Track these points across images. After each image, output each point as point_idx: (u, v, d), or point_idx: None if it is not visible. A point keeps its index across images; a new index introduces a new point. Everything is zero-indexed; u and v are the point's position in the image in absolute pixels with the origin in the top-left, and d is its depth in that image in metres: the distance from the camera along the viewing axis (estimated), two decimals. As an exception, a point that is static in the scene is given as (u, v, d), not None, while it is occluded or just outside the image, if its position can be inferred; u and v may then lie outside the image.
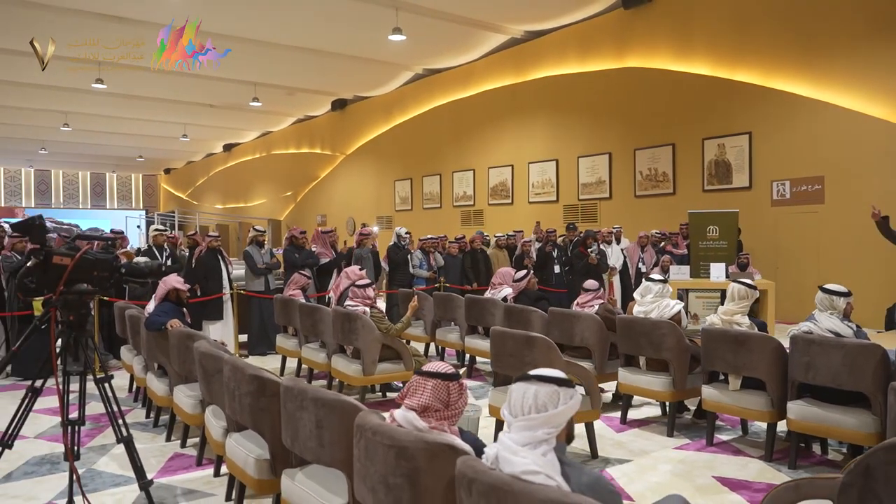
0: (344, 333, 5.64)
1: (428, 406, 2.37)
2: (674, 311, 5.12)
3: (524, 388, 1.92)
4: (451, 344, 7.33)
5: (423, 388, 2.40)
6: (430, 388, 2.39)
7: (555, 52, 14.77)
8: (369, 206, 20.62)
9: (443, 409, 2.38)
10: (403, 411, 2.41)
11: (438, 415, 2.38)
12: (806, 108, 10.59)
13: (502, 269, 7.29)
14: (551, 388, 1.90)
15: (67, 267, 2.77)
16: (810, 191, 10.71)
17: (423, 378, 2.43)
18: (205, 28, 13.58)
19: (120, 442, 3.04)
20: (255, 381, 3.21)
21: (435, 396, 2.38)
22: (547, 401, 1.88)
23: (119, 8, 12.27)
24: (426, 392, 2.39)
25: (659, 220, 12.34)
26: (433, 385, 2.39)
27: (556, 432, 1.88)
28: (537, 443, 1.84)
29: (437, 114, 17.99)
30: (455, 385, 2.43)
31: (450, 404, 2.40)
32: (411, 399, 2.41)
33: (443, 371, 2.44)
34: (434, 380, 2.40)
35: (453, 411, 2.40)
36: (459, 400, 2.43)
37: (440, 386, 2.40)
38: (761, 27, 11.12)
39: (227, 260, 8.15)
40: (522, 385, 1.93)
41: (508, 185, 16.15)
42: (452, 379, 2.43)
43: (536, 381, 1.92)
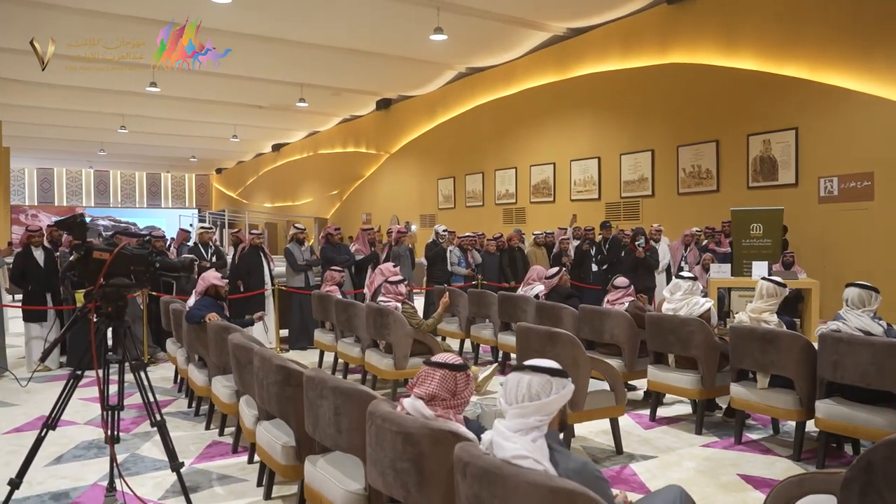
0: (377, 328, 5.78)
1: (435, 395, 2.46)
2: (703, 309, 5.10)
3: (519, 377, 2.01)
4: (486, 340, 7.42)
5: (432, 377, 2.49)
6: (438, 378, 2.48)
7: (597, 49, 14.67)
8: (413, 205, 20.83)
9: (449, 398, 2.47)
10: (412, 400, 2.50)
11: (445, 403, 2.46)
12: (855, 102, 10.29)
13: (536, 266, 7.34)
14: (544, 378, 1.98)
15: (106, 261, 2.96)
16: (859, 187, 10.41)
17: (431, 368, 2.52)
18: (251, 31, 14.06)
19: (154, 426, 3.22)
20: (281, 372, 3.36)
21: (442, 386, 2.47)
22: (539, 390, 1.96)
23: (159, 11, 12.56)
24: (434, 381, 2.48)
25: (702, 217, 12.15)
26: (441, 375, 2.48)
27: (548, 420, 1.96)
28: (528, 429, 1.93)
29: (480, 112, 18.06)
30: (462, 375, 2.51)
31: (456, 394, 2.48)
32: (420, 388, 2.50)
33: (450, 362, 2.53)
34: (442, 370, 2.49)
35: (459, 401, 2.49)
36: (466, 390, 2.51)
37: (447, 376, 2.48)
38: (810, 19, 10.84)
39: (268, 257, 8.40)
40: (518, 374, 2.02)
41: (550, 183, 16.12)
42: (460, 370, 2.52)
43: (530, 371, 2.00)
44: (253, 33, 14.16)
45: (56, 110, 20.86)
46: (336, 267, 7.59)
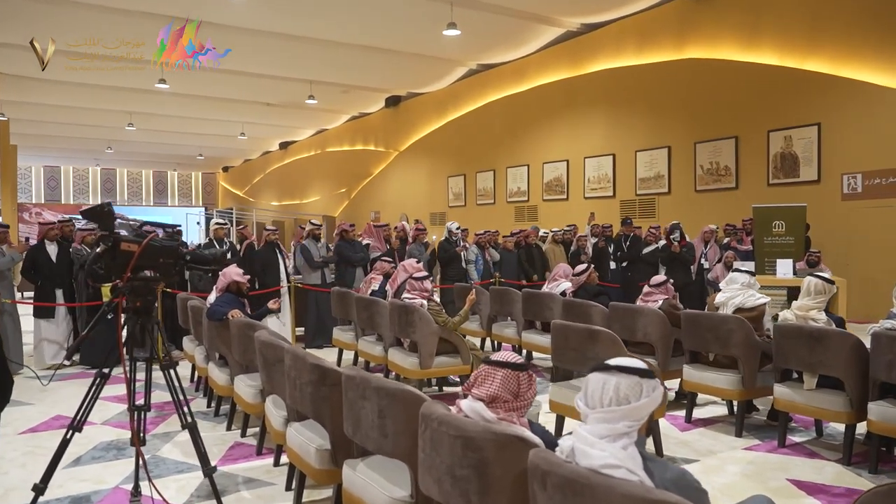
0: (401, 326, 5.61)
1: (497, 396, 2.30)
2: (758, 302, 4.90)
3: (603, 378, 1.83)
4: (508, 339, 7.24)
5: (492, 378, 2.33)
6: (500, 379, 2.32)
7: (612, 45, 14.47)
8: (422, 203, 20.64)
9: (512, 399, 2.31)
10: (470, 401, 2.34)
11: (507, 405, 2.30)
12: (879, 98, 10.08)
13: (561, 263, 7.16)
14: (633, 380, 1.80)
15: (135, 253, 2.80)
16: (884, 184, 10.19)
17: (491, 368, 2.36)
18: (261, 27, 13.89)
19: (185, 428, 3.06)
20: (317, 371, 3.19)
21: (504, 387, 2.31)
22: (629, 392, 1.79)
23: (172, 7, 12.40)
24: (495, 382, 2.32)
25: (720, 215, 11.94)
26: (503, 375, 2.32)
27: (638, 426, 1.79)
28: (617, 436, 1.75)
29: (491, 109, 17.87)
30: (525, 375, 2.36)
31: (519, 395, 2.33)
32: (479, 389, 2.34)
33: (512, 361, 2.37)
34: (504, 370, 2.33)
35: (522, 402, 2.33)
36: (529, 391, 2.35)
37: (510, 376, 2.32)
38: (833, 14, 10.63)
39: (284, 253, 8.24)
40: (601, 376, 1.84)
41: (563, 181, 15.92)
42: (522, 369, 2.36)
43: (617, 372, 1.82)
44: (263, 29, 13.99)
45: (64, 107, 20.73)
46: (386, 258, 7.37)
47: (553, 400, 4.53)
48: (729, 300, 4.98)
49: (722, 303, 5.01)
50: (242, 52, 14.94)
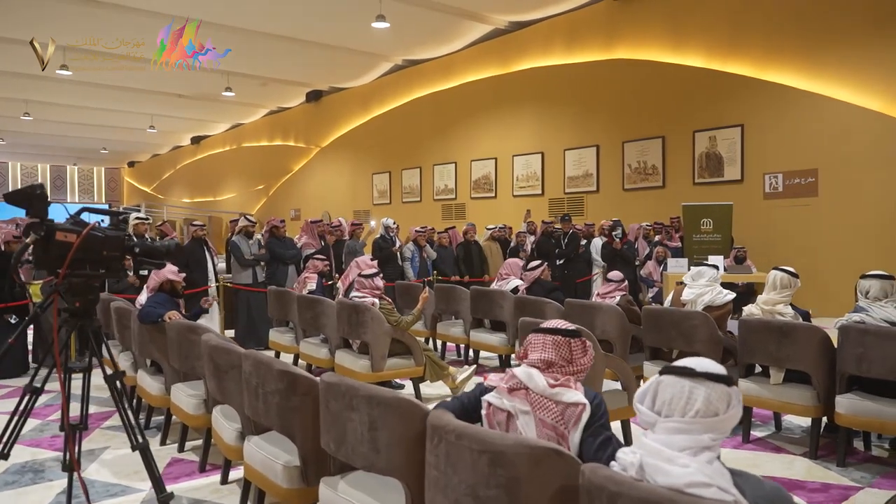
0: (351, 327, 5.26)
1: (551, 362, 2.22)
2: (727, 299, 4.86)
3: (688, 386, 1.58)
4: (454, 338, 6.99)
5: (544, 343, 2.26)
6: (551, 344, 2.25)
7: (541, 43, 14.50)
8: (345, 200, 20.11)
9: (566, 364, 2.23)
10: (525, 368, 2.25)
11: (563, 370, 2.22)
12: (799, 100, 10.49)
13: (510, 259, 6.97)
14: (722, 390, 1.58)
15: (73, 245, 2.36)
16: (804, 184, 10.61)
17: (541, 335, 2.29)
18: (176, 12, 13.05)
19: (135, 450, 2.63)
20: (286, 378, 2.83)
21: (557, 352, 2.23)
22: (719, 404, 1.56)
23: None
24: (547, 348, 2.24)
25: (648, 213, 12.15)
26: (553, 341, 2.25)
27: (722, 439, 1.56)
28: (699, 448, 1.52)
29: (417, 106, 17.60)
30: (577, 343, 2.28)
31: (573, 360, 2.25)
32: (534, 354, 2.26)
33: (563, 327, 2.29)
34: (553, 336, 2.27)
35: (577, 367, 2.25)
36: (583, 357, 2.27)
37: (561, 343, 2.26)
38: (756, 18, 10.99)
39: (213, 251, 7.68)
40: (685, 382, 1.59)
41: (492, 179, 15.85)
42: (575, 335, 2.28)
43: (706, 380, 1.58)
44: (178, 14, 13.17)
45: (-52, 93, 18.98)
46: (320, 256, 6.96)
47: (521, 402, 4.31)
48: (698, 297, 4.92)
49: (691, 300, 4.95)
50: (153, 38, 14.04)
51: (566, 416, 2.14)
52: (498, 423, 2.24)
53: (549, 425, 2.13)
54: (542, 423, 2.14)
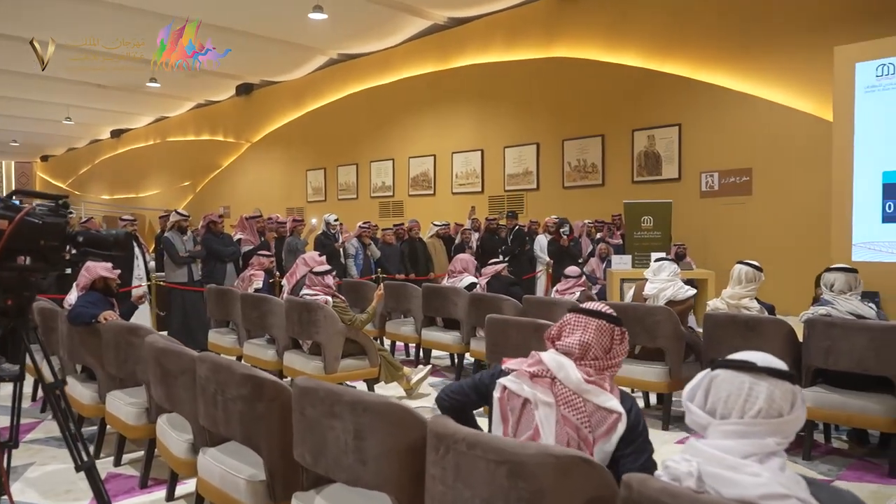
0: (302, 326, 4.95)
1: (590, 346, 1.97)
2: (689, 294, 4.81)
3: (748, 382, 1.40)
4: (405, 337, 6.75)
5: (586, 326, 2.00)
6: (594, 328, 1.99)
7: (480, 40, 14.41)
8: (279, 197, 19.50)
9: (603, 356, 1.98)
10: (554, 354, 1.98)
11: (598, 364, 1.97)
12: (735, 101, 10.75)
13: (462, 255, 6.79)
14: (787, 387, 1.41)
15: (4, 232, 2.01)
16: (738, 182, 10.89)
17: (581, 316, 2.03)
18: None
19: (80, 470, 2.29)
20: (250, 383, 2.54)
21: (598, 338, 1.98)
22: (783, 403, 1.39)
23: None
24: (590, 330, 1.99)
25: (587, 211, 12.22)
26: (596, 325, 2.00)
27: (787, 444, 1.40)
28: (766, 454, 1.35)
29: (354, 101, 17.22)
30: (619, 332, 2.03)
31: (611, 352, 2.00)
32: (569, 338, 1.99)
33: (606, 311, 2.04)
34: (597, 319, 2.01)
35: (613, 361, 2.00)
36: (621, 347, 2.03)
37: (604, 328, 2.01)
38: (694, 19, 11.20)
39: (144, 248, 7.17)
40: (743, 378, 1.41)
41: (430, 176, 15.67)
42: (618, 323, 2.04)
43: (768, 376, 1.41)
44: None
45: None
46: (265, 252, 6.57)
47: (488, 402, 4.12)
48: (660, 292, 4.85)
49: (653, 295, 4.88)
50: (69, 21, 13.19)
51: (594, 420, 1.92)
52: (511, 410, 2.03)
53: (573, 424, 1.92)
54: (564, 419, 1.92)
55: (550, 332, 2.10)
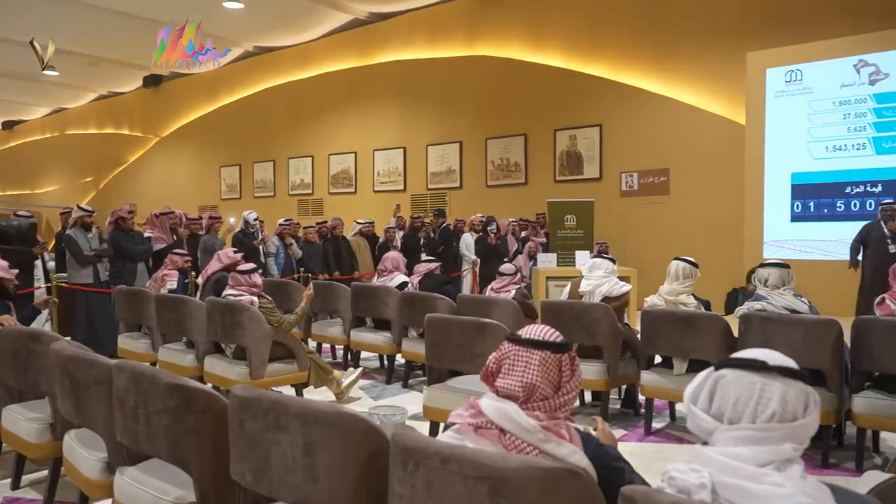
0: (225, 329, 4.62)
1: (535, 387, 1.66)
2: (624, 290, 4.79)
3: (759, 382, 1.28)
4: (332, 339, 6.48)
5: (527, 361, 1.68)
6: (537, 364, 1.68)
7: (402, 36, 14.22)
8: (190, 194, 18.63)
9: (552, 395, 1.68)
10: (494, 401, 1.68)
11: (548, 405, 1.67)
12: (653, 103, 11.02)
13: (390, 253, 6.58)
14: (800, 387, 1.29)
15: None
16: (656, 182, 11.17)
17: (522, 349, 1.71)
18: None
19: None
20: (178, 394, 2.27)
21: (544, 376, 1.67)
22: (797, 405, 1.28)
23: None
24: (532, 368, 1.67)
25: (511, 210, 12.25)
26: (541, 359, 1.68)
27: (803, 449, 1.29)
28: (783, 462, 1.24)
29: (271, 95, 16.67)
30: (567, 359, 1.72)
31: (561, 387, 1.69)
32: (510, 377, 1.69)
33: (551, 339, 1.72)
34: (541, 351, 1.69)
35: (565, 398, 1.69)
36: (572, 380, 1.72)
37: (549, 361, 1.68)
38: (611, 23, 11.41)
39: (44, 247, 6.57)
40: (751, 377, 1.29)
41: (351, 174, 15.35)
42: (565, 349, 1.72)
43: (779, 375, 1.29)
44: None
45: None
46: (179, 251, 6.12)
47: (428, 405, 3.95)
48: (596, 288, 4.82)
49: (588, 291, 4.84)
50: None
51: None
52: None
53: None
54: None
55: (489, 366, 1.77)
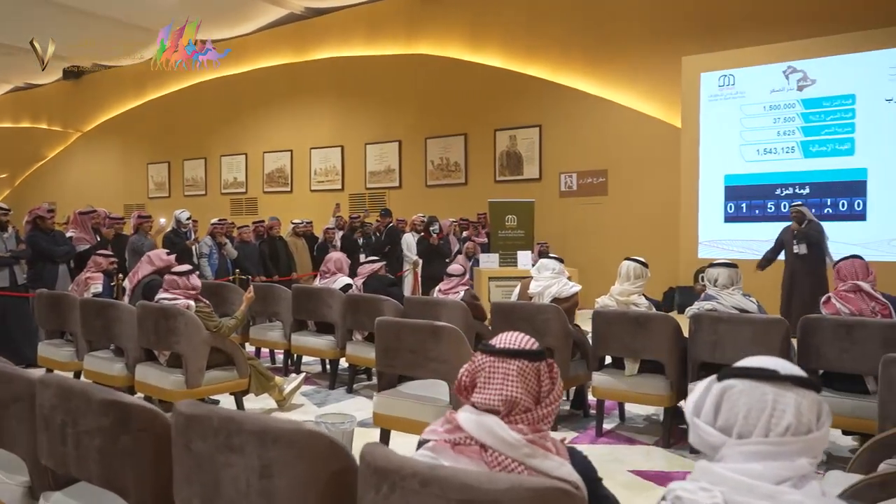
0: (158, 335, 4.33)
1: (516, 401, 1.54)
2: (573, 290, 4.74)
3: (771, 393, 1.18)
4: (272, 343, 6.23)
5: (505, 373, 1.56)
6: (515, 374, 1.56)
7: (340, 33, 13.96)
8: (115, 193, 17.77)
9: (533, 407, 1.56)
10: (473, 415, 1.56)
11: (530, 416, 1.55)
12: (592, 105, 11.14)
13: (333, 254, 6.35)
14: (812, 397, 1.20)
15: None
16: (595, 183, 11.30)
17: (498, 359, 1.58)
18: None
19: None
20: (113, 411, 2.04)
21: (524, 387, 1.55)
22: (810, 416, 1.19)
23: None
24: (510, 379, 1.55)
25: (451, 209, 12.17)
26: (518, 369, 1.56)
27: (818, 462, 1.20)
28: (800, 478, 1.15)
29: (203, 90, 16.08)
30: (546, 367, 1.61)
31: (541, 398, 1.58)
32: (487, 390, 1.56)
33: (527, 347, 1.60)
34: (518, 361, 1.57)
35: (548, 410, 1.58)
36: (553, 390, 1.61)
37: (528, 371, 1.57)
38: (552, 24, 11.48)
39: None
40: (762, 388, 1.19)
41: (287, 172, 14.96)
42: (541, 357, 1.60)
43: (792, 385, 1.20)
44: None
45: None
46: (104, 252, 5.72)
47: (378, 412, 3.80)
48: (545, 289, 4.76)
49: (538, 292, 4.77)
50: None
51: None
52: None
53: None
54: None
55: (462, 380, 1.64)
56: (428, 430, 1.65)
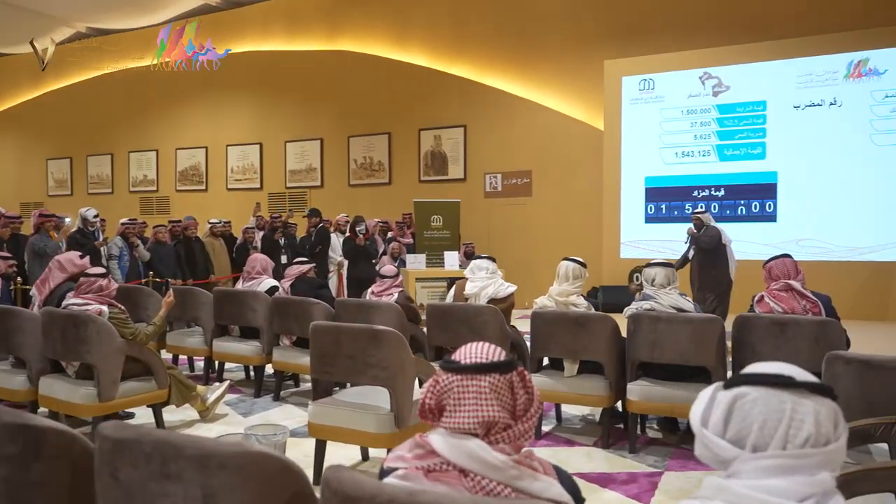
0: (66, 345, 3.95)
1: (495, 421, 1.39)
2: (509, 291, 4.65)
3: (789, 402, 1.10)
4: (191, 350, 5.86)
5: (478, 392, 1.40)
6: (490, 390, 1.40)
7: (258, 26, 13.50)
8: (9, 190, 16.56)
9: (513, 423, 1.42)
10: (452, 438, 1.39)
11: (511, 433, 1.41)
12: (516, 106, 11.20)
13: (257, 255, 6.05)
14: (829, 405, 1.12)
15: None
16: (519, 184, 11.37)
17: (467, 377, 1.42)
18: None
19: None
20: (22, 436, 1.77)
21: (500, 402, 1.41)
22: (829, 426, 1.10)
23: None
24: (484, 398, 1.39)
25: (375, 209, 11.96)
26: (490, 385, 1.40)
27: (836, 475, 1.12)
28: (823, 494, 1.07)
29: (109, 83, 15.19)
30: (517, 378, 1.45)
31: (516, 410, 1.44)
32: (458, 414, 1.40)
33: (496, 359, 1.44)
34: (489, 376, 1.41)
35: (528, 425, 1.45)
36: (532, 403, 1.47)
37: (501, 386, 1.41)
38: (477, 24, 11.48)
39: None
40: (780, 396, 1.09)
41: (202, 170, 14.34)
42: (511, 368, 1.45)
43: (810, 393, 1.12)
44: None
45: None
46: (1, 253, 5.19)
47: (314, 422, 3.58)
48: (482, 290, 4.66)
49: (474, 293, 4.67)
50: None
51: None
52: None
53: None
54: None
55: (425, 402, 1.48)
56: (393, 458, 1.47)
